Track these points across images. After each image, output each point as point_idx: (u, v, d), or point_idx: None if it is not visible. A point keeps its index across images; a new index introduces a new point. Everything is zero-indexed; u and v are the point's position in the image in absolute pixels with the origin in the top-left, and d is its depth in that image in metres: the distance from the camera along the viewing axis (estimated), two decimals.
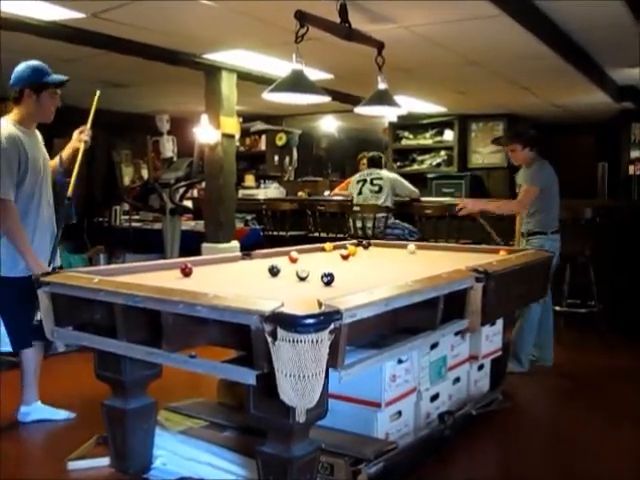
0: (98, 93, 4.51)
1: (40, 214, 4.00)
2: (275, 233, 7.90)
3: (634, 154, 9.88)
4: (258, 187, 10.65)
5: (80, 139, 4.30)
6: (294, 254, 4.03)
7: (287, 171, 11.25)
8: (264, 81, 6.67)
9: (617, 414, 4.35)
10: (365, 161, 8.47)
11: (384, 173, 7.49)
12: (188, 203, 8.53)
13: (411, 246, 4.67)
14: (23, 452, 3.62)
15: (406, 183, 7.50)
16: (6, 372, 4.95)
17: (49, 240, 4.07)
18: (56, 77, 4.02)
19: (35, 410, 4.01)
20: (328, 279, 3.04)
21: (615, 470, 3.53)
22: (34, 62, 4.00)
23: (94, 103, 4.45)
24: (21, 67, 3.97)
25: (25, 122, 3.93)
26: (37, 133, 4.10)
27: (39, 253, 3.92)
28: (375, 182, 7.29)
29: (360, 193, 7.28)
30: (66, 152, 4.31)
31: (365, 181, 7.35)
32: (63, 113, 4.19)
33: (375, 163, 7.66)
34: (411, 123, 10.78)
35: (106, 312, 2.87)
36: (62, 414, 4.05)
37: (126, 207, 9.17)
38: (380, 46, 4.55)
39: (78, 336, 3.16)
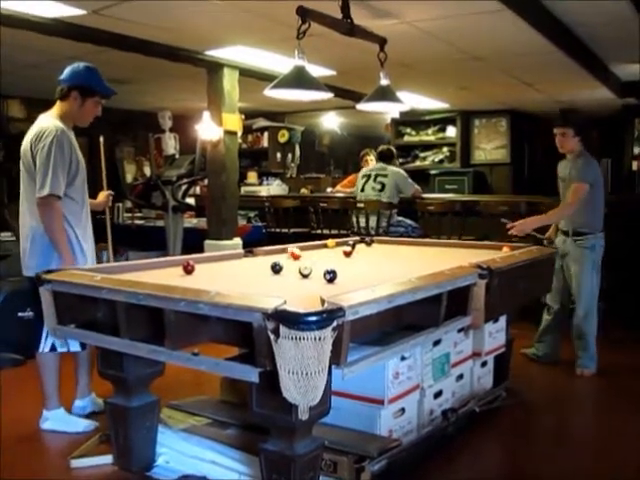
0: (102, 140, 4.78)
1: (88, 215, 4.10)
2: (278, 230, 7.89)
3: (637, 150, 9.85)
4: (260, 184, 10.65)
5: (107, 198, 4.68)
6: (296, 251, 4.02)
7: (289, 168, 11.24)
8: (266, 78, 6.65)
9: (622, 410, 4.34)
10: (368, 158, 8.45)
11: (390, 169, 7.22)
12: (191, 200, 8.52)
13: (331, 242, 4.56)
14: (26, 450, 3.61)
15: (410, 181, 7.34)
16: (9, 370, 4.97)
17: (92, 242, 4.14)
18: (106, 87, 4.03)
19: (54, 417, 3.90)
20: (331, 276, 3.03)
21: (621, 466, 3.51)
22: (89, 65, 3.98)
23: (102, 149, 4.82)
24: (76, 67, 3.94)
25: (65, 121, 3.90)
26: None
27: (88, 254, 3.98)
28: (379, 179, 7.14)
29: (362, 190, 7.19)
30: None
31: (369, 177, 7.22)
32: None
33: (384, 157, 7.38)
34: (413, 119, 10.77)
35: (108, 310, 2.87)
36: (81, 425, 3.87)
37: (129, 204, 9.16)
38: (382, 42, 4.54)
39: (81, 334, 3.15)
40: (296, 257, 3.94)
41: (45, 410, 3.92)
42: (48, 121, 3.81)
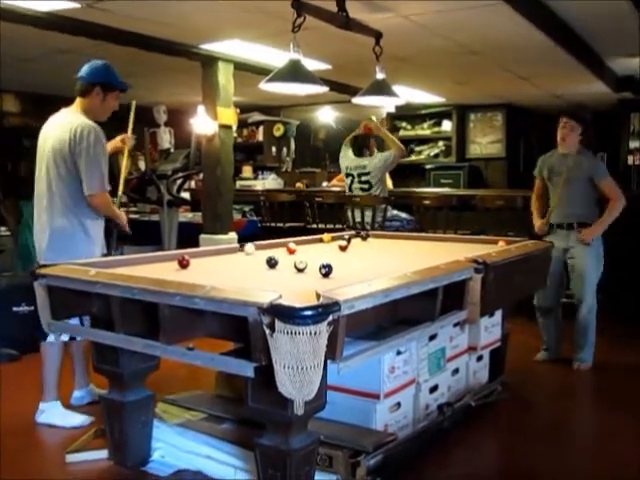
0: (134, 103, 4.81)
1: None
2: (273, 224, 7.88)
3: (633, 144, 9.85)
4: (256, 178, 10.63)
5: (124, 141, 4.55)
6: (292, 245, 4.01)
7: (285, 162, 11.22)
8: (261, 71, 6.63)
9: (618, 406, 4.35)
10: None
11: (369, 164, 6.83)
12: (186, 195, 8.51)
13: (249, 246, 4.05)
14: (21, 445, 3.60)
15: (386, 154, 6.82)
16: (5, 365, 4.96)
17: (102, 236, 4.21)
18: (123, 82, 4.25)
19: (50, 410, 3.89)
20: (326, 270, 3.03)
21: (616, 461, 3.52)
22: (106, 62, 4.16)
23: (132, 112, 4.80)
24: (95, 64, 4.10)
25: (88, 116, 4.01)
26: None
27: (97, 248, 4.06)
28: (363, 179, 6.87)
29: (350, 190, 7.06)
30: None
31: (353, 177, 6.95)
32: (58, 104, 4.17)
33: (360, 148, 6.94)
34: (409, 113, 10.76)
35: (103, 304, 2.86)
36: (77, 420, 3.85)
37: (123, 199, 9.12)
38: (378, 35, 4.53)
39: (75, 329, 3.14)
40: (291, 251, 3.94)
41: (42, 402, 3.91)
42: (79, 118, 3.93)
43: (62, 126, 3.91)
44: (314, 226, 7.45)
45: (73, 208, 3.90)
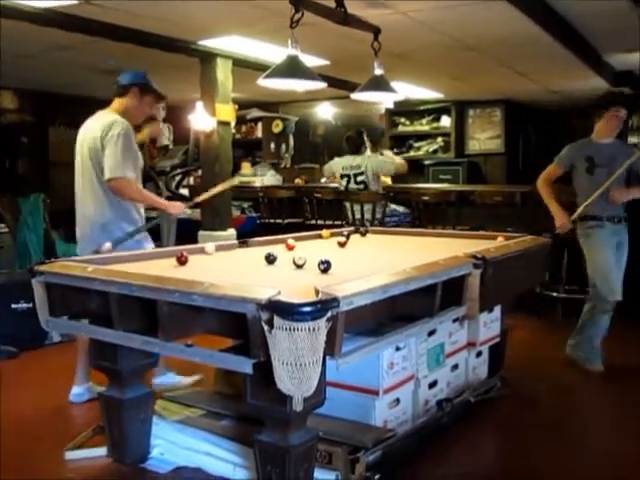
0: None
1: (139, 208, 4.25)
2: (272, 221, 7.87)
3: (631, 140, 9.83)
4: (254, 175, 10.61)
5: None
6: (291, 241, 4.01)
7: (283, 158, 11.21)
8: (260, 67, 6.61)
9: (619, 403, 4.35)
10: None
11: (365, 163, 6.94)
12: (184, 191, 8.50)
13: (209, 246, 3.89)
14: (20, 442, 3.60)
15: (389, 161, 7.10)
16: (3, 362, 4.96)
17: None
18: (160, 91, 4.35)
19: (89, 390, 4.16)
20: (325, 266, 3.02)
21: (616, 457, 3.53)
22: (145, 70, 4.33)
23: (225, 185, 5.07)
24: (135, 70, 4.29)
25: (123, 117, 4.12)
26: None
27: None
28: (359, 179, 6.97)
29: (347, 190, 7.08)
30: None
31: (349, 177, 7.03)
32: (56, 101, 4.18)
33: (353, 146, 7.04)
34: (408, 109, 10.74)
35: (101, 301, 2.86)
36: None
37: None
38: (376, 31, 4.53)
39: (73, 326, 3.14)
40: (290, 247, 3.93)
41: (77, 386, 4.17)
42: (112, 116, 4.09)
43: (96, 125, 4.08)
44: (313, 222, 7.45)
45: (110, 202, 4.04)
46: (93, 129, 4.08)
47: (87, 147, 4.07)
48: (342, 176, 7.06)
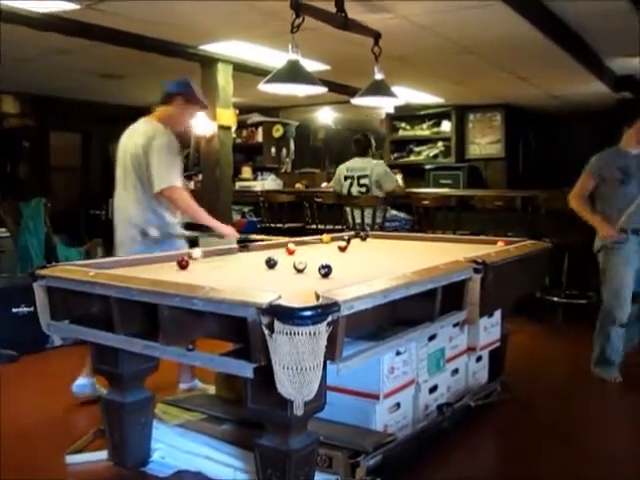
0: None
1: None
2: (272, 225, 7.88)
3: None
4: (255, 179, 10.62)
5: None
6: (291, 246, 4.01)
7: (284, 163, 11.22)
8: (260, 72, 6.64)
9: (619, 407, 4.35)
10: None
11: (370, 167, 7.00)
12: None
13: (196, 251, 3.80)
14: (21, 446, 3.60)
15: (390, 176, 7.11)
16: (4, 366, 4.96)
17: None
18: (203, 101, 4.48)
19: (92, 386, 4.18)
20: (326, 271, 3.02)
21: (617, 461, 3.52)
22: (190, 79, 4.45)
23: None
24: (184, 79, 4.39)
25: (164, 124, 4.20)
26: None
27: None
28: (362, 182, 6.99)
29: (349, 193, 7.09)
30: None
31: (352, 179, 7.05)
32: (57, 105, 4.19)
33: (361, 149, 7.12)
34: (408, 114, 10.76)
35: (102, 305, 2.86)
36: None
37: None
38: (377, 36, 4.53)
39: (75, 330, 3.14)
40: (291, 252, 3.93)
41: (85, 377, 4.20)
42: (154, 124, 4.17)
43: (139, 132, 4.16)
44: (313, 227, 7.45)
45: (154, 208, 4.11)
46: (136, 136, 4.15)
47: (130, 153, 4.13)
48: (346, 178, 7.10)
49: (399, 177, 7.62)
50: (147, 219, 4.10)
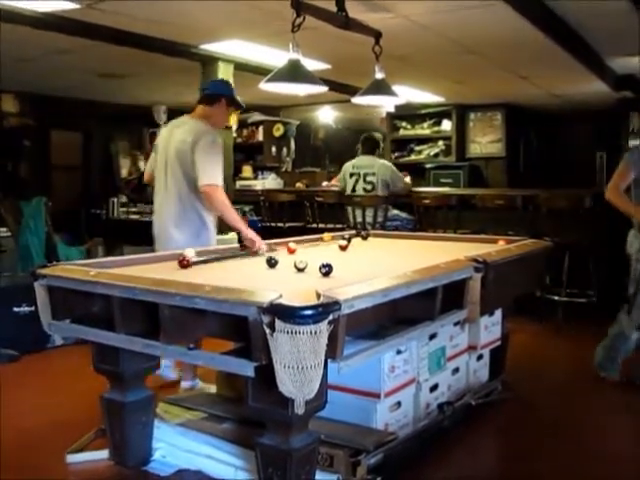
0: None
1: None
2: (273, 224, 7.87)
3: (632, 143, 9.82)
4: (255, 178, 10.62)
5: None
6: (292, 245, 4.01)
7: (285, 162, 11.22)
8: (261, 71, 6.63)
9: (620, 406, 4.35)
10: None
11: (378, 166, 7.07)
12: None
13: (189, 252, 3.62)
14: (22, 445, 3.61)
15: (399, 174, 7.19)
16: (5, 366, 4.96)
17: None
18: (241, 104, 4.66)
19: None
20: (326, 270, 3.03)
21: (617, 460, 3.52)
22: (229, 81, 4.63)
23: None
24: (224, 80, 4.74)
25: (206, 122, 4.35)
26: None
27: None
28: (368, 179, 7.01)
29: (354, 190, 7.12)
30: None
31: (359, 176, 7.07)
32: (57, 105, 4.20)
33: (369, 147, 7.17)
34: (409, 113, 10.76)
35: (104, 305, 2.87)
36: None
37: (124, 199, 9.14)
38: (377, 35, 4.53)
39: (76, 329, 3.15)
40: (292, 251, 3.94)
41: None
42: (198, 123, 4.31)
43: (184, 130, 4.30)
44: (314, 226, 7.45)
45: (193, 202, 4.26)
46: (181, 132, 4.28)
47: (175, 149, 4.27)
48: (351, 175, 7.11)
49: (407, 179, 7.62)
50: (186, 213, 4.26)
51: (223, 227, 6.89)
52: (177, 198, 4.27)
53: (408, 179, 7.62)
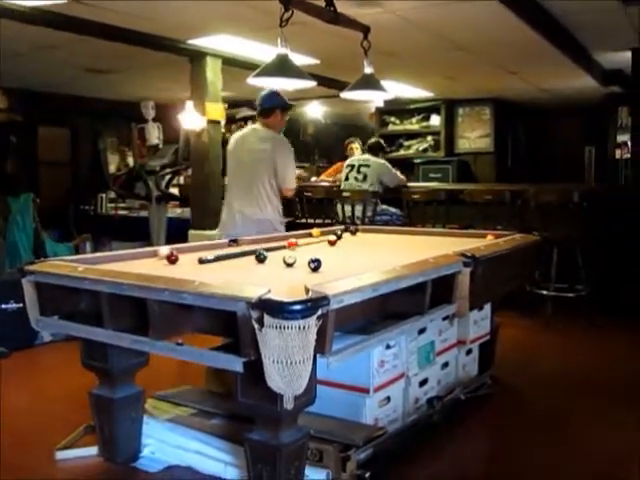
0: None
1: None
2: None
3: (621, 138, 9.88)
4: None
5: None
6: (293, 239, 3.99)
7: None
8: (249, 66, 6.61)
9: (610, 399, 4.36)
10: (352, 146, 8.49)
11: (373, 160, 7.29)
12: (175, 190, 8.48)
13: (163, 250, 3.51)
14: (11, 442, 3.59)
15: (394, 171, 7.39)
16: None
17: None
18: (290, 102, 5.35)
19: None
20: (315, 265, 3.02)
21: (607, 454, 3.54)
22: (276, 89, 5.10)
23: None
24: (272, 92, 5.10)
25: (270, 130, 5.11)
26: None
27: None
28: (362, 170, 7.19)
29: (347, 179, 7.24)
30: None
31: (353, 167, 7.28)
32: (45, 100, 4.17)
33: (372, 150, 7.52)
34: (398, 108, 10.77)
35: (92, 301, 2.85)
36: None
37: (112, 195, 9.12)
38: (366, 30, 4.52)
39: (64, 325, 3.13)
40: (292, 245, 3.90)
41: None
42: (270, 133, 5.10)
43: (259, 139, 5.06)
44: (303, 221, 7.44)
45: (272, 200, 4.97)
46: (259, 142, 5.02)
47: (254, 157, 4.96)
48: (348, 166, 7.37)
49: (398, 173, 7.74)
50: (275, 211, 4.98)
51: (207, 223, 6.92)
52: (259, 200, 4.91)
53: (399, 174, 7.69)
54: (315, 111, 12.01)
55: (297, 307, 2.17)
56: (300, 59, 6.29)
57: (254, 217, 4.91)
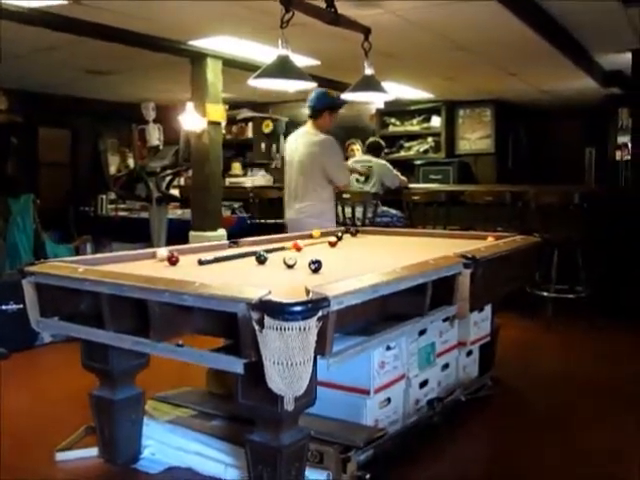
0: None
1: None
2: (262, 221, 7.87)
3: (621, 139, 9.87)
4: (245, 175, 10.60)
5: None
6: (299, 242, 3.97)
7: (274, 159, 11.20)
8: (250, 67, 6.61)
9: (611, 400, 4.36)
10: (353, 147, 8.52)
11: (375, 162, 7.35)
12: (175, 191, 8.48)
13: (161, 251, 3.51)
14: (11, 443, 3.59)
15: (394, 172, 7.42)
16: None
17: None
18: (338, 103, 5.59)
19: None
20: (316, 266, 3.02)
21: (608, 455, 3.53)
22: (325, 90, 5.61)
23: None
24: (320, 94, 5.50)
25: (319, 130, 5.51)
26: None
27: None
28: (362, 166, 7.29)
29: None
30: None
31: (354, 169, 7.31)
32: (45, 101, 4.17)
33: (372, 149, 7.63)
34: (398, 109, 10.75)
35: (92, 302, 2.85)
36: None
37: (112, 196, 9.11)
38: (367, 31, 4.52)
39: (64, 326, 3.13)
40: (298, 248, 3.89)
41: None
42: (320, 135, 5.47)
43: (310, 141, 5.46)
44: None
45: (326, 196, 5.51)
46: (310, 144, 5.43)
47: (309, 157, 5.41)
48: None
49: (401, 176, 7.79)
50: (323, 210, 5.45)
51: (208, 224, 6.92)
52: (315, 196, 5.42)
53: (400, 175, 7.72)
54: None
55: (297, 308, 2.16)
56: (301, 60, 6.29)
57: (313, 212, 5.40)
